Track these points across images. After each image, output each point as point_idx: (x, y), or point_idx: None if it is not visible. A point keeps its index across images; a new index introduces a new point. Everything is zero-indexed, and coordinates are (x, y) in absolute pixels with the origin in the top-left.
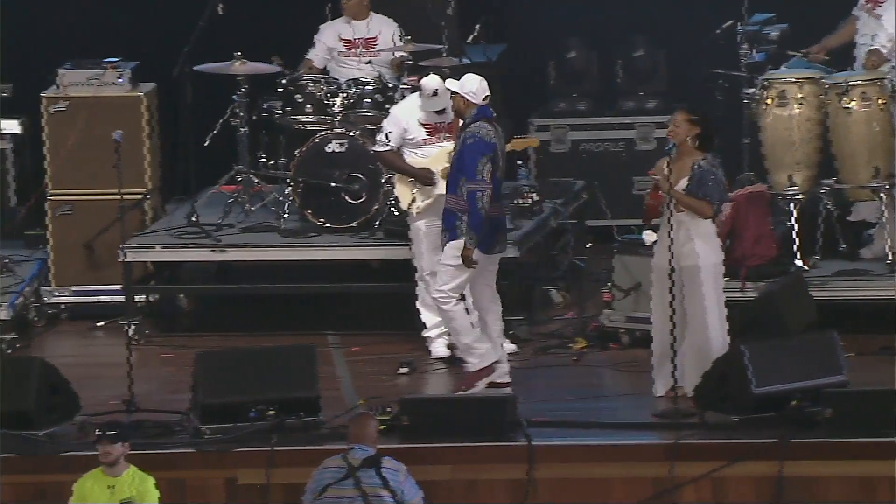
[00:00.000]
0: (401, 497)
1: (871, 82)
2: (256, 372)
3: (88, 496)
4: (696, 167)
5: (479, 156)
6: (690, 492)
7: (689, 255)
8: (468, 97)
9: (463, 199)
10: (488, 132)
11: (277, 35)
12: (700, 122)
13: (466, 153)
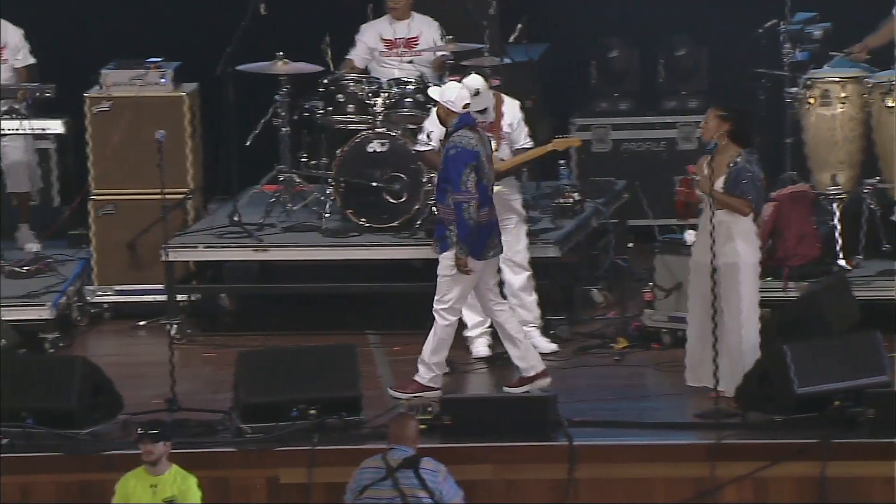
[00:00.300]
0: (439, 498)
1: None
2: (298, 371)
3: (131, 495)
4: (732, 164)
5: (462, 166)
6: (732, 492)
7: (729, 254)
8: (447, 105)
9: (451, 208)
10: (470, 140)
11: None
12: (730, 117)
13: (450, 164)
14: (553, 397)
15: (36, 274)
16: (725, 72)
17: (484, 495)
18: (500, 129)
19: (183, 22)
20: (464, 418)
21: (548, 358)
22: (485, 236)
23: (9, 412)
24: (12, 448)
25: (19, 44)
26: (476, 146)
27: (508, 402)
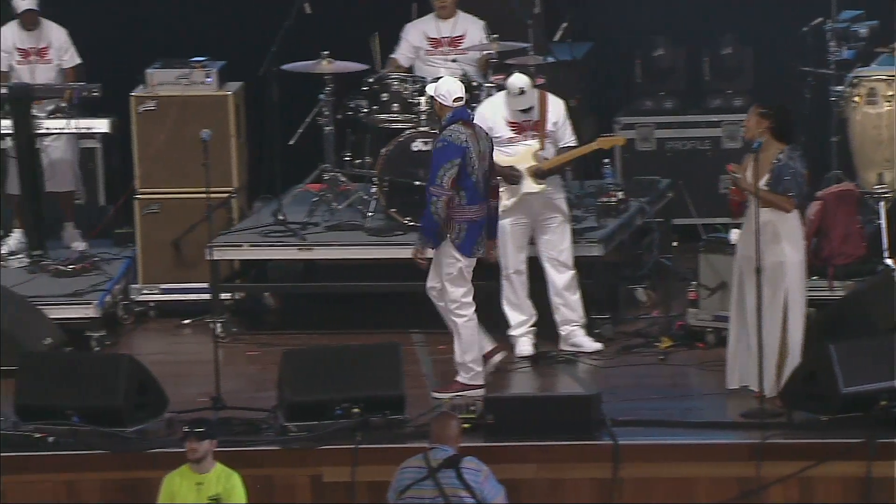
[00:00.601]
0: (481, 497)
1: None
2: (342, 370)
3: (176, 493)
4: (775, 162)
5: (444, 161)
6: (777, 492)
7: (775, 253)
8: (440, 99)
9: None
10: (460, 135)
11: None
12: (770, 114)
13: (434, 157)
14: (597, 396)
15: (82, 273)
16: (771, 70)
17: (527, 495)
18: (545, 127)
19: (228, 21)
20: (507, 417)
21: (592, 357)
22: (475, 233)
23: (55, 410)
24: (58, 446)
25: (65, 44)
26: (465, 142)
27: (552, 401)
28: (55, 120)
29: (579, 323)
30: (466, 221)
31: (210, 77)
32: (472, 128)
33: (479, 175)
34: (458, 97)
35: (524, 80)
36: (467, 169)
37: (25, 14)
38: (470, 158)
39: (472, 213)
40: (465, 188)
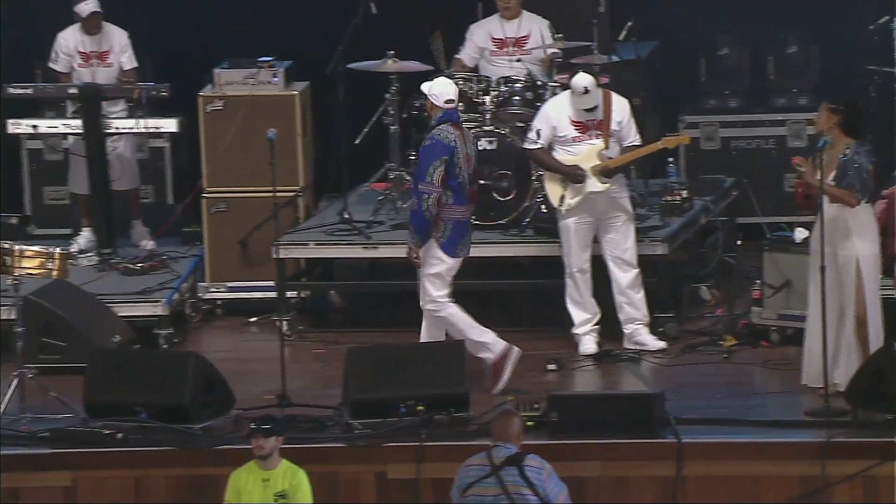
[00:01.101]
0: (544, 495)
1: None
2: (407, 368)
3: (243, 489)
4: (842, 157)
5: (433, 158)
6: (843, 491)
7: (847, 248)
8: (432, 99)
9: None
10: (448, 135)
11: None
12: (839, 110)
13: (422, 155)
14: (661, 395)
15: (150, 271)
16: (836, 69)
17: (591, 493)
18: (609, 126)
19: (294, 21)
20: (571, 415)
21: (655, 355)
22: (460, 234)
23: (123, 407)
24: (126, 442)
25: (125, 47)
26: (453, 142)
27: (616, 399)
28: (124, 120)
29: (643, 321)
30: (452, 221)
31: (277, 77)
32: (461, 129)
33: (464, 176)
34: (450, 99)
35: (589, 79)
36: (455, 169)
37: (90, 17)
38: (457, 159)
39: (459, 214)
40: (452, 188)
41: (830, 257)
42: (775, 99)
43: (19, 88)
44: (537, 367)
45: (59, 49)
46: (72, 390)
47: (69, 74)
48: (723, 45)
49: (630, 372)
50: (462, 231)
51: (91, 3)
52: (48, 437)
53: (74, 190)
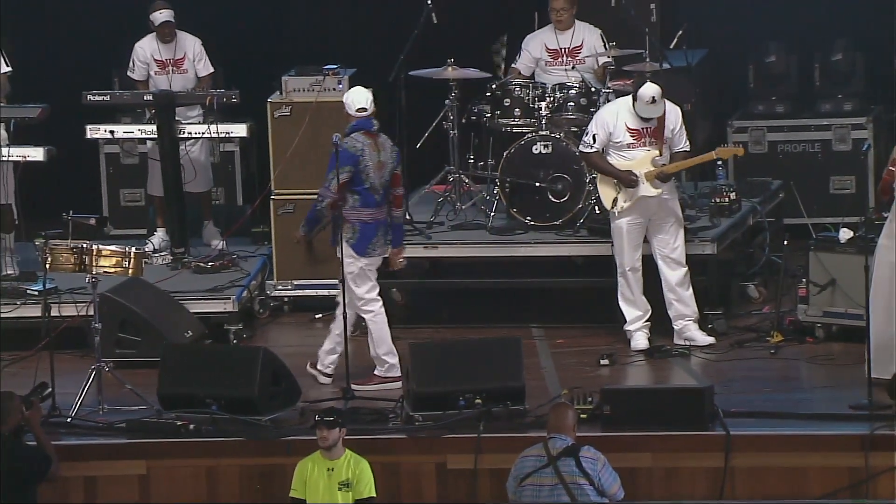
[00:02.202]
0: (599, 485)
1: None
2: (465, 362)
3: (309, 478)
4: None
5: (333, 166)
6: (886, 481)
7: None
8: (346, 107)
9: None
10: (356, 143)
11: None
12: None
13: (330, 160)
14: (710, 388)
15: (220, 269)
16: (881, 75)
17: (644, 482)
18: (663, 134)
19: (359, 30)
20: (623, 408)
21: (704, 350)
22: (370, 235)
23: (195, 399)
24: (198, 433)
25: (199, 54)
26: (360, 151)
27: (667, 392)
28: (196, 125)
29: (692, 318)
30: (360, 223)
31: (341, 83)
32: (375, 138)
33: (374, 182)
34: (361, 108)
35: (656, 89)
36: (360, 176)
37: (163, 26)
38: (364, 166)
39: (367, 216)
40: (358, 193)
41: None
42: (821, 104)
43: (98, 96)
44: (591, 362)
45: (136, 58)
46: (146, 383)
47: (146, 82)
48: (770, 53)
49: (680, 367)
50: (371, 232)
51: (164, 13)
52: (124, 427)
53: (151, 192)
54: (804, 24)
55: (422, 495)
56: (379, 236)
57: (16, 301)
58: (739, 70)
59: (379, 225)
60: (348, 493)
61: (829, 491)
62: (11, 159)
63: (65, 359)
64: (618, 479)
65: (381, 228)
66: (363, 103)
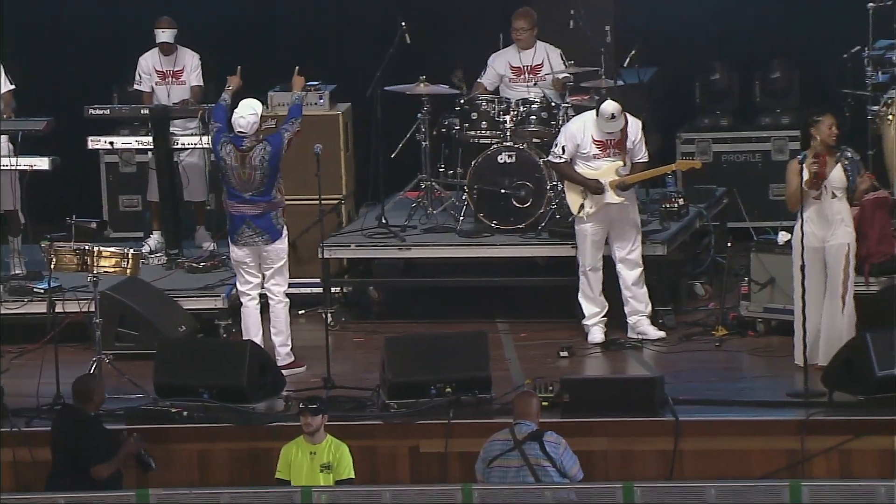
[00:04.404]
0: (561, 467)
1: None
2: (436, 354)
3: (293, 461)
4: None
5: None
6: (820, 462)
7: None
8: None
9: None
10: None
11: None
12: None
13: None
14: (661, 378)
15: (211, 269)
16: (815, 92)
17: (600, 464)
18: (625, 145)
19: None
20: (582, 396)
21: (656, 343)
22: (236, 225)
23: (188, 389)
24: (191, 420)
25: (196, 67)
26: (223, 159)
27: (621, 382)
28: (190, 136)
29: (645, 314)
30: (229, 214)
31: (322, 98)
32: (240, 151)
33: (234, 183)
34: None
35: (616, 106)
36: (225, 177)
37: (161, 44)
38: (224, 170)
39: (233, 209)
40: (226, 189)
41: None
42: (761, 118)
43: (98, 110)
44: (552, 354)
45: (141, 70)
46: (143, 374)
47: (150, 94)
48: (715, 71)
49: (633, 358)
50: (235, 223)
51: (166, 33)
52: (123, 414)
53: (150, 198)
54: (745, 44)
55: (396, 477)
56: (242, 229)
57: (23, 298)
58: (687, 86)
59: (242, 219)
60: (329, 475)
61: (769, 471)
62: (18, 168)
63: (68, 351)
64: (577, 462)
65: (243, 223)
66: (236, 119)
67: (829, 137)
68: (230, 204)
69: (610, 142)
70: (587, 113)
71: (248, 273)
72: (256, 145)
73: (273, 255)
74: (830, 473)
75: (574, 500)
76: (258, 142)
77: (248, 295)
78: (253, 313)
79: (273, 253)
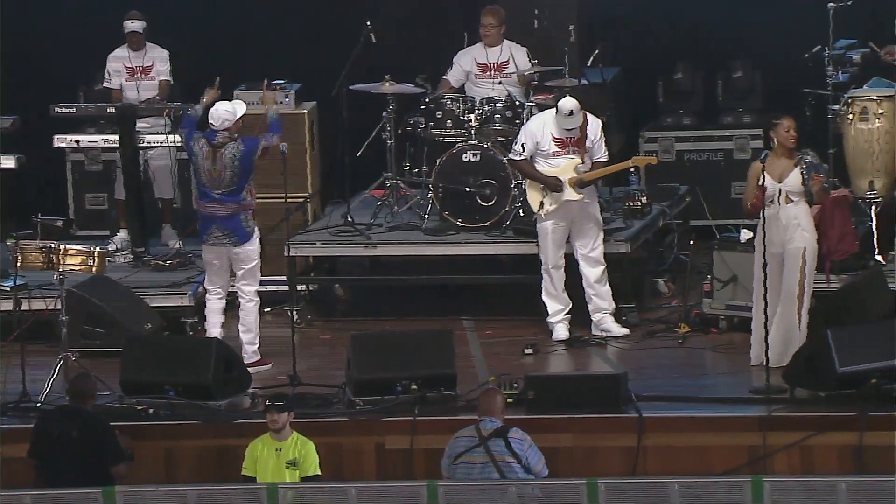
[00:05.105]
0: (526, 463)
1: None
2: (402, 352)
3: (259, 458)
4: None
5: None
6: (781, 458)
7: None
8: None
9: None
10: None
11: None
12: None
13: None
14: (624, 375)
15: (178, 267)
16: (777, 91)
17: (565, 460)
18: (585, 143)
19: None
20: (546, 393)
21: (619, 340)
22: (206, 225)
23: (154, 386)
24: (158, 417)
25: (164, 63)
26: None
27: (585, 379)
28: (156, 135)
29: (609, 311)
30: (200, 214)
31: (288, 97)
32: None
33: (204, 181)
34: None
35: (574, 103)
36: (197, 175)
37: (131, 35)
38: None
39: (203, 210)
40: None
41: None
42: (723, 117)
43: (64, 108)
44: (516, 351)
45: (110, 68)
46: (109, 371)
47: (120, 91)
48: (678, 70)
49: (597, 355)
50: (205, 223)
51: (135, 23)
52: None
53: (117, 196)
54: (708, 44)
55: (362, 473)
56: (214, 229)
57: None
58: (650, 86)
59: (215, 219)
60: (295, 472)
61: (730, 467)
62: None
63: (34, 349)
64: (542, 458)
65: (217, 223)
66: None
67: (786, 140)
68: (201, 204)
69: (569, 139)
70: (547, 111)
71: (214, 274)
72: (229, 143)
73: (243, 256)
74: (792, 469)
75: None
76: (231, 139)
77: (215, 293)
78: (213, 307)
79: (243, 255)
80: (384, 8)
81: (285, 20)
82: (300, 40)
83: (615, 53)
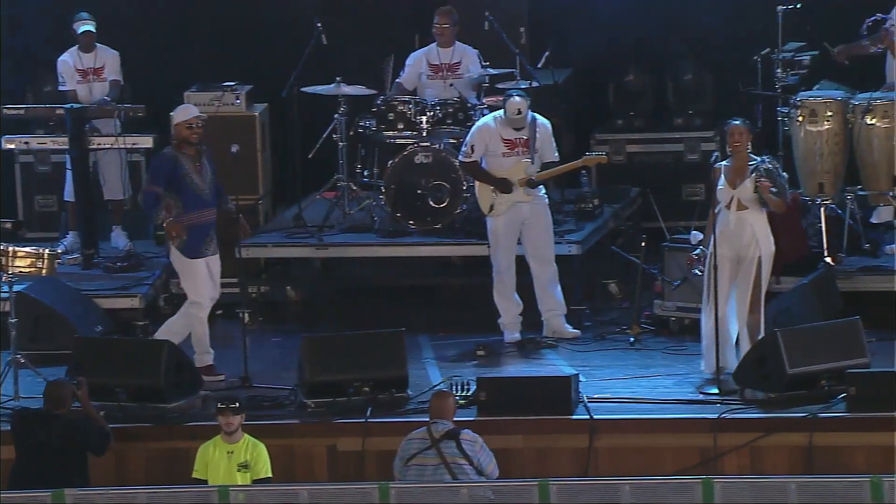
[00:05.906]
0: (477, 464)
1: (890, 102)
2: (353, 353)
3: (210, 460)
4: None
5: None
6: (732, 459)
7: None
8: None
9: None
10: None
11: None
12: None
13: None
14: (575, 376)
15: (128, 269)
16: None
17: (516, 462)
18: (534, 144)
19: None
20: (498, 395)
21: (571, 342)
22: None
23: (105, 389)
24: (108, 419)
25: (116, 64)
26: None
27: (536, 380)
28: (106, 137)
29: (560, 312)
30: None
31: (239, 99)
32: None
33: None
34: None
35: (521, 102)
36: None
37: (82, 35)
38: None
39: (194, 219)
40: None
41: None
42: (674, 119)
43: (13, 109)
44: (468, 353)
45: (62, 72)
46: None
47: (74, 92)
48: (628, 73)
49: (549, 357)
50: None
51: (87, 23)
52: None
53: (67, 198)
54: (658, 47)
55: (314, 475)
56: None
57: None
58: (601, 88)
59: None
60: (247, 474)
61: (681, 468)
62: None
63: None
64: (493, 459)
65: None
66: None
67: (729, 146)
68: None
69: (518, 140)
70: (496, 112)
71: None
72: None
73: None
74: (742, 470)
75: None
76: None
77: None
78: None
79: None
80: (335, 9)
81: (235, 20)
82: (250, 41)
83: (566, 55)
